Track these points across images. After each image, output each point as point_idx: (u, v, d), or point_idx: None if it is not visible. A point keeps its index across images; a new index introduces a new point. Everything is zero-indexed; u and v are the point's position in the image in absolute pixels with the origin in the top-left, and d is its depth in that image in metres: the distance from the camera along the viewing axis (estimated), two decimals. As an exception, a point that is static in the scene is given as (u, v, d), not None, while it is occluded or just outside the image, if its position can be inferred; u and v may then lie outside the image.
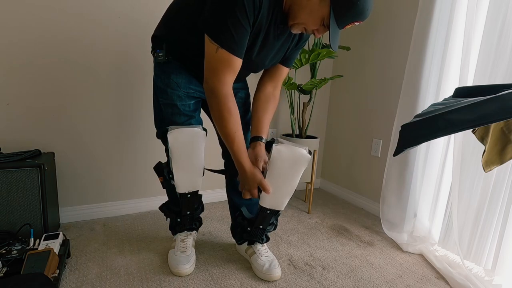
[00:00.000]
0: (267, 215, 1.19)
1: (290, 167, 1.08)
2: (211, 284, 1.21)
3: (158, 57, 1.13)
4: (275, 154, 1.06)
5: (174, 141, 1.08)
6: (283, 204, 1.16)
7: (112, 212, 1.76)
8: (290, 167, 1.08)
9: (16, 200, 1.30)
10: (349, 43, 2.16)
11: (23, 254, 1.12)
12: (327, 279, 1.29)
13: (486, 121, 0.65)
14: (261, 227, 1.23)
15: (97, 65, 1.60)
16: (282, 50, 1.13)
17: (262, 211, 1.17)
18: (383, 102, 1.93)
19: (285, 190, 1.13)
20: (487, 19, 1.28)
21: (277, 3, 0.97)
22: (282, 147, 1.07)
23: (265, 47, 1.05)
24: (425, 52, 1.51)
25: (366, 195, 2.09)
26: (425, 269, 1.40)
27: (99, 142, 1.67)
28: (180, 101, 1.15)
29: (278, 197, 1.14)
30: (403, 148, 0.78)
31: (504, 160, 0.82)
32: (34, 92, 1.49)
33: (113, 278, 1.21)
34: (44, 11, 1.45)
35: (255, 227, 1.23)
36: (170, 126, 1.10)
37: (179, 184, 1.16)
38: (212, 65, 0.97)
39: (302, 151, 1.06)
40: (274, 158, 1.07)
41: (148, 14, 1.65)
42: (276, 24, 1.01)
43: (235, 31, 0.92)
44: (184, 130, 1.09)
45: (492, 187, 1.28)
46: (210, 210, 1.90)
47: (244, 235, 1.31)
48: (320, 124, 2.40)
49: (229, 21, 0.91)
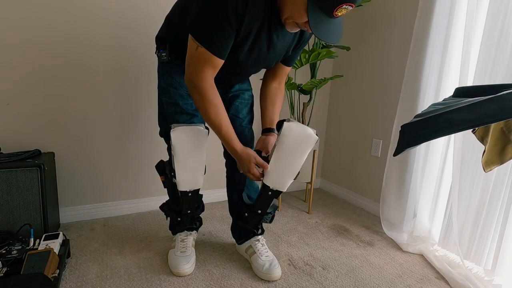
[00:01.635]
0: (269, 196, 1.18)
1: (298, 145, 1.11)
2: (211, 284, 1.21)
3: (161, 57, 1.17)
4: (285, 130, 1.09)
5: (177, 138, 1.09)
6: (285, 184, 1.16)
7: (112, 212, 1.76)
8: (298, 145, 1.11)
9: (16, 200, 1.30)
10: (349, 43, 2.15)
11: (23, 254, 1.12)
12: (327, 279, 1.29)
13: (486, 121, 0.65)
14: (259, 212, 1.22)
15: (97, 65, 1.60)
16: (283, 50, 1.13)
17: (265, 190, 1.17)
18: (383, 102, 1.93)
19: (290, 169, 1.14)
20: (487, 19, 1.28)
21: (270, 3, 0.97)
22: (293, 124, 1.10)
23: (256, 48, 1.05)
24: (425, 52, 1.51)
25: (366, 195, 2.09)
26: (425, 269, 1.40)
27: (99, 142, 1.67)
28: (182, 100, 1.17)
29: (282, 175, 1.15)
30: (403, 148, 0.78)
31: (504, 160, 0.82)
32: (34, 92, 1.49)
33: (113, 278, 1.21)
34: (44, 12, 1.45)
35: (253, 211, 1.22)
36: (172, 124, 1.12)
37: (180, 182, 1.16)
38: (192, 61, 1.01)
39: (311, 132, 1.11)
40: (284, 134, 1.09)
41: (148, 14, 1.65)
42: (272, 25, 1.01)
43: (216, 34, 0.95)
44: (187, 128, 1.11)
45: (492, 187, 1.28)
46: (210, 210, 1.91)
47: (240, 222, 1.29)
48: (320, 124, 2.40)
49: (212, 27, 0.95)
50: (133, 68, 1.68)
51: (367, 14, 2.01)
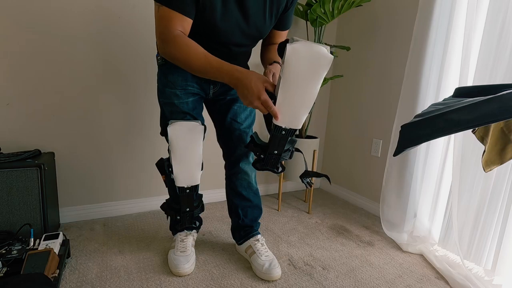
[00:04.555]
0: (282, 136, 1.00)
1: (308, 69, 0.87)
2: (211, 284, 1.21)
3: (158, 60, 1.22)
4: (289, 54, 0.85)
5: (173, 132, 1.11)
6: (300, 120, 0.97)
7: (112, 212, 1.76)
8: (309, 69, 0.87)
9: (16, 200, 1.30)
10: (349, 43, 2.16)
11: (23, 254, 1.12)
12: (327, 279, 1.29)
13: (486, 121, 0.65)
14: (275, 153, 1.05)
15: (98, 66, 1.60)
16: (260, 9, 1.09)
17: (276, 131, 0.99)
18: (383, 102, 1.93)
19: (302, 100, 0.93)
20: (487, 19, 1.28)
21: None
22: (298, 44, 0.86)
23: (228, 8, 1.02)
24: (425, 52, 1.51)
25: (366, 195, 2.09)
26: (425, 269, 1.40)
27: (99, 142, 1.67)
28: (178, 100, 1.19)
29: (294, 110, 0.94)
30: (403, 148, 0.78)
31: (504, 160, 0.82)
32: (34, 92, 1.49)
33: (113, 278, 1.21)
34: (45, 11, 1.45)
35: (269, 153, 1.05)
36: (170, 120, 1.13)
37: (178, 177, 1.17)
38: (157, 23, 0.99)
39: (323, 49, 0.86)
40: (289, 59, 0.86)
41: (149, 14, 1.65)
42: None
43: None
44: (183, 123, 1.12)
45: (492, 187, 1.28)
46: (210, 210, 1.91)
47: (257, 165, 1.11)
48: (320, 124, 2.40)
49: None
50: (134, 68, 1.68)
51: (367, 14, 2.01)
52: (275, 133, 0.99)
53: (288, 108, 0.93)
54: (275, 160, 1.07)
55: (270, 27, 1.16)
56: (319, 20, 1.86)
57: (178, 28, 0.97)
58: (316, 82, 0.90)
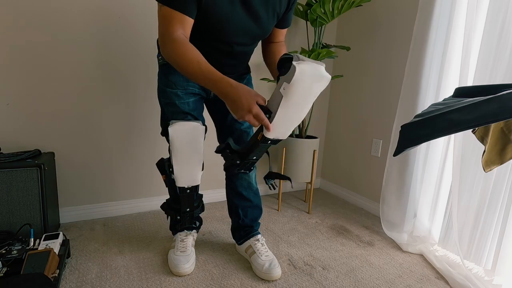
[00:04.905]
0: (267, 145, 1.03)
1: (310, 89, 0.91)
2: (211, 284, 1.21)
3: (159, 60, 1.22)
4: (298, 75, 0.85)
5: (174, 133, 1.11)
6: (290, 131, 1.00)
7: (112, 212, 1.76)
8: (310, 89, 0.91)
9: (16, 200, 1.30)
10: (349, 43, 2.16)
11: (23, 254, 1.12)
12: (327, 279, 1.29)
13: (486, 121, 0.65)
14: (254, 158, 1.08)
15: (98, 66, 1.60)
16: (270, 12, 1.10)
17: (264, 141, 0.99)
18: (383, 102, 1.93)
19: (298, 116, 0.97)
20: (487, 19, 1.28)
21: None
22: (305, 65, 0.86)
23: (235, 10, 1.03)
24: (425, 52, 1.51)
25: (366, 195, 2.09)
26: (425, 269, 1.40)
27: (99, 142, 1.67)
28: (179, 100, 1.19)
29: (288, 124, 0.98)
30: (403, 148, 0.78)
31: (504, 160, 0.82)
32: (34, 92, 1.49)
33: (113, 278, 1.21)
34: (45, 11, 1.45)
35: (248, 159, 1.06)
36: (171, 120, 1.13)
37: (178, 177, 1.17)
38: (160, 23, 0.99)
39: (323, 69, 0.89)
40: (297, 80, 0.86)
41: (149, 14, 1.65)
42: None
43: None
44: (185, 123, 1.12)
45: (492, 187, 1.28)
46: (210, 210, 1.90)
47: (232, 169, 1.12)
48: (320, 124, 2.40)
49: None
50: (134, 68, 1.68)
51: (367, 14, 2.01)
52: (262, 142, 1.00)
53: (284, 123, 0.96)
54: (251, 164, 1.11)
55: (273, 26, 1.16)
56: (319, 20, 1.86)
57: (178, 29, 0.97)
58: (313, 99, 0.95)
